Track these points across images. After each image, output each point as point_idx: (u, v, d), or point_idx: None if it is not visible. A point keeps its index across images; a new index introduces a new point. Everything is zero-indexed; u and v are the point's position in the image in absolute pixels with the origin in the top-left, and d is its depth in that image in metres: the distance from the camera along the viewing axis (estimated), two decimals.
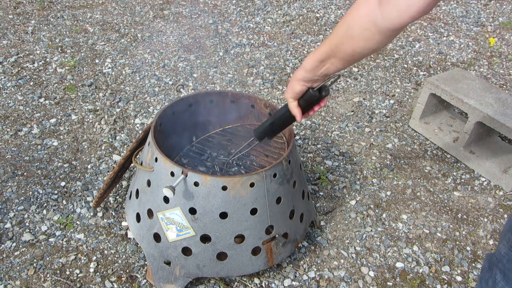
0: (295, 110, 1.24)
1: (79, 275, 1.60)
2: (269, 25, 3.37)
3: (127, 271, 1.63)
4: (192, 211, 1.41)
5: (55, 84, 2.55)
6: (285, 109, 1.30)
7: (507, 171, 2.11)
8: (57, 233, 1.74)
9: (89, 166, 2.05)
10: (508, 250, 1.06)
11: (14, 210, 1.81)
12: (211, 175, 1.37)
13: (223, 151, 1.84)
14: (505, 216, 1.98)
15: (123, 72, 2.71)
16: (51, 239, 1.71)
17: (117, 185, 1.94)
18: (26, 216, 1.79)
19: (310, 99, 1.22)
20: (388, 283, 1.67)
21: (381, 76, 2.88)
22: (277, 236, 1.52)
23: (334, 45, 1.01)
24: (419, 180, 2.13)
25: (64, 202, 1.87)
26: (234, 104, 1.80)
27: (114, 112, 2.38)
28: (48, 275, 1.59)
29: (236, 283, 1.62)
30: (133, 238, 1.73)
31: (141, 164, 1.57)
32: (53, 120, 2.29)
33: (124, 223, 1.80)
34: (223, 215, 1.41)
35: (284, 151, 1.67)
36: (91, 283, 1.58)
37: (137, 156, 1.71)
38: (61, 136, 2.20)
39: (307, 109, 1.26)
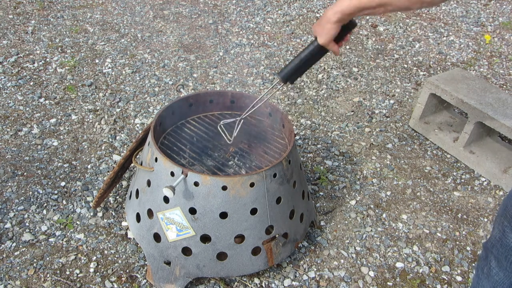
0: (335, 48, 1.27)
1: (79, 275, 1.60)
2: (269, 25, 3.37)
3: (127, 271, 1.63)
4: (192, 211, 1.41)
5: (55, 84, 2.55)
6: (315, 48, 1.31)
7: (507, 171, 2.11)
8: (57, 233, 1.74)
9: (89, 166, 2.05)
10: (502, 235, 1.07)
11: (14, 210, 1.81)
12: (211, 175, 1.37)
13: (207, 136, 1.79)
14: None
15: (123, 72, 2.71)
16: (51, 239, 1.71)
17: (117, 185, 1.94)
18: (26, 216, 1.79)
19: (344, 34, 1.28)
20: (388, 283, 1.67)
21: (381, 76, 2.88)
22: (277, 236, 1.52)
23: (388, 1, 1.07)
24: (419, 180, 2.13)
25: (64, 202, 1.87)
26: (234, 104, 1.80)
27: (114, 112, 2.38)
28: (48, 275, 1.59)
29: (236, 283, 1.62)
30: (133, 238, 1.73)
31: (141, 164, 1.57)
32: (53, 120, 2.29)
33: (124, 223, 1.80)
34: (223, 215, 1.41)
35: (284, 151, 1.67)
36: (91, 283, 1.58)
37: (137, 156, 1.71)
38: (61, 136, 2.20)
39: (337, 41, 1.31)
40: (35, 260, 1.63)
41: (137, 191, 1.57)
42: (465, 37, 3.39)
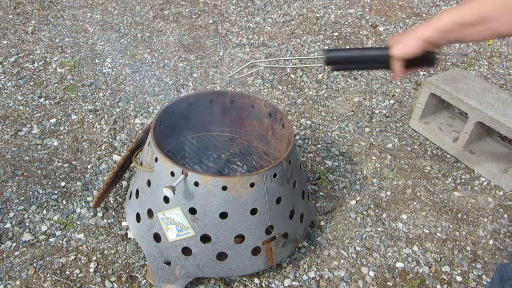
0: (397, 69, 1.11)
1: (79, 275, 1.60)
2: (269, 25, 3.37)
3: (127, 271, 1.63)
4: (192, 211, 1.41)
5: (55, 84, 2.55)
6: (382, 54, 1.11)
7: (507, 171, 2.11)
8: (57, 233, 1.74)
9: (89, 166, 2.05)
10: None
11: (14, 210, 1.81)
12: (211, 175, 1.37)
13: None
14: (505, 216, 1.98)
15: (123, 72, 2.71)
16: (51, 239, 1.71)
17: (117, 185, 1.94)
18: (26, 216, 1.79)
19: (419, 65, 1.09)
20: (388, 283, 1.67)
21: (381, 76, 2.88)
22: (277, 236, 1.52)
23: (488, 15, 0.93)
24: (419, 180, 2.13)
25: (64, 202, 1.87)
26: (234, 104, 1.80)
27: (114, 112, 2.38)
28: (48, 275, 1.59)
29: (236, 283, 1.62)
30: (133, 238, 1.73)
31: (141, 164, 1.57)
32: (53, 120, 2.29)
33: (124, 223, 1.80)
34: (223, 215, 1.41)
35: (284, 151, 1.67)
36: (91, 283, 1.58)
37: (137, 156, 1.71)
38: (61, 136, 2.20)
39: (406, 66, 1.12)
40: (35, 260, 1.63)
41: (137, 191, 1.57)
42: None
